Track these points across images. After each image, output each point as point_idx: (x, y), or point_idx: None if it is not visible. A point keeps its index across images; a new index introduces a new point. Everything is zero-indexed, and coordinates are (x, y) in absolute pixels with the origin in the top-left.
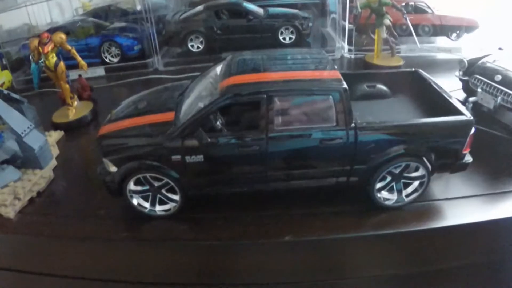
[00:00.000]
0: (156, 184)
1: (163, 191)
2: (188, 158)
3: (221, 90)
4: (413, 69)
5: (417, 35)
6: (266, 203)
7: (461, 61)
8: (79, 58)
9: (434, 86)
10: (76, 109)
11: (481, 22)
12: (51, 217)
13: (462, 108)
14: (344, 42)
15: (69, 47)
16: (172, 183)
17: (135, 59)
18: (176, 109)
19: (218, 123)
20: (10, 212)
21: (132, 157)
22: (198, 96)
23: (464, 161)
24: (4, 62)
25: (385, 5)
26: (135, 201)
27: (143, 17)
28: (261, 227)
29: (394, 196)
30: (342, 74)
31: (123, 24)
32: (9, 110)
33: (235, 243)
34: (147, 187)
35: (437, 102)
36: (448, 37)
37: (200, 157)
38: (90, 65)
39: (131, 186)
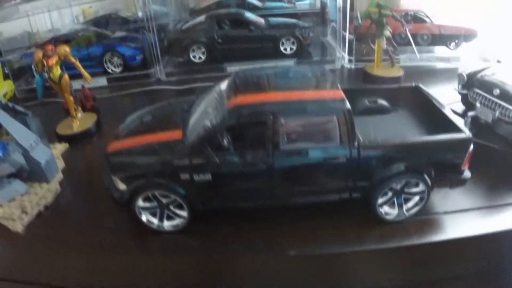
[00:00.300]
0: (164, 200)
1: (171, 207)
2: (196, 177)
3: (229, 109)
4: (414, 85)
5: (416, 44)
6: (269, 217)
7: (460, 75)
8: (83, 71)
9: (434, 102)
10: (80, 121)
11: (480, 31)
12: (59, 231)
13: (461, 125)
14: (345, 52)
15: (73, 59)
16: (180, 200)
17: (137, 68)
18: (183, 127)
19: (225, 141)
20: (18, 226)
21: (141, 175)
22: (204, 113)
23: (463, 176)
24: (6, 71)
25: (385, 16)
26: (144, 218)
27: (144, 26)
28: (266, 240)
29: (395, 211)
30: (345, 90)
31: (124, 33)
32: (15, 125)
33: (239, 256)
34: (155, 204)
35: (437, 118)
36: (447, 46)
37: (208, 176)
38: (92, 74)
39: (140, 203)
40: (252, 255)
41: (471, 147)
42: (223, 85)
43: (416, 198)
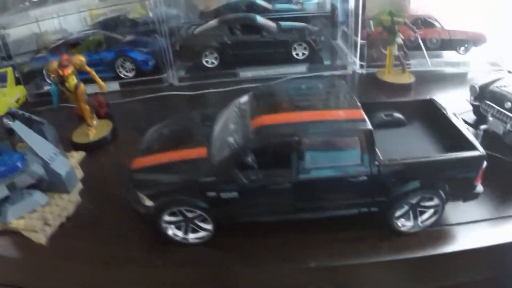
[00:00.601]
0: (190, 215)
1: (197, 221)
2: (222, 194)
3: (253, 130)
4: (428, 98)
5: (426, 48)
6: (288, 229)
7: (472, 87)
8: (98, 79)
9: (448, 116)
10: (96, 129)
11: (489, 36)
12: (81, 242)
13: (475, 141)
14: (356, 57)
15: (88, 69)
16: (205, 215)
17: (150, 73)
18: (208, 144)
19: (250, 160)
20: (41, 238)
21: (168, 192)
22: (228, 131)
23: (476, 191)
24: (17, 75)
25: (397, 23)
26: (169, 232)
27: (156, 29)
28: (286, 251)
29: (410, 223)
30: (362, 104)
31: (135, 37)
32: (34, 137)
33: (261, 267)
34: (181, 218)
35: (451, 133)
36: (456, 50)
37: (234, 194)
38: (104, 79)
39: (166, 217)
40: (273, 267)
41: (485, 164)
42: (244, 101)
43: (431, 211)
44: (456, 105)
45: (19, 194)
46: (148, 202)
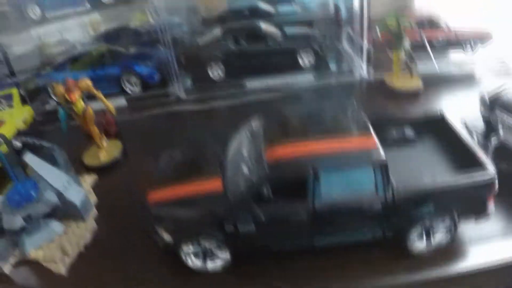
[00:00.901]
0: (208, 245)
1: (214, 250)
2: (240, 227)
3: (269, 165)
4: (439, 113)
5: (432, 48)
6: (303, 254)
7: (482, 98)
8: (106, 102)
9: (459, 133)
10: (106, 150)
11: (495, 34)
12: (100, 270)
13: (487, 162)
14: (362, 61)
15: (95, 91)
16: (224, 246)
17: (156, 86)
18: (223, 176)
19: (266, 192)
20: (61, 268)
21: (186, 228)
22: (241, 158)
23: (487, 211)
24: (22, 93)
25: (404, 27)
26: (189, 261)
27: (159, 39)
28: (306, 276)
29: (423, 243)
30: (373, 122)
31: (140, 49)
32: (46, 167)
33: None
34: (199, 248)
35: (462, 151)
36: (463, 50)
37: (251, 226)
38: (110, 95)
39: (184, 248)
40: None
41: (496, 184)
42: (256, 126)
43: (444, 231)
44: (465, 108)
45: (35, 224)
46: (167, 236)
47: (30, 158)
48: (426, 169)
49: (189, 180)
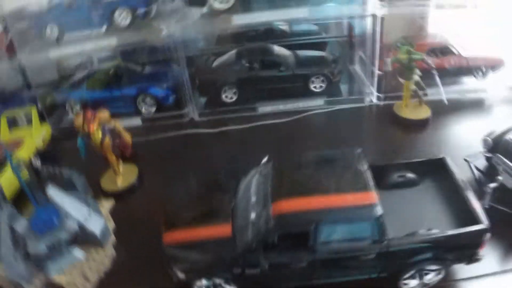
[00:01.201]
0: (218, 281)
1: (224, 285)
2: (247, 271)
3: (274, 219)
4: (441, 157)
5: (443, 75)
6: None
7: (485, 140)
8: (123, 132)
9: (458, 181)
10: (123, 175)
11: (507, 61)
12: None
13: (481, 214)
14: (373, 87)
15: (113, 123)
16: (232, 283)
17: (171, 107)
18: (232, 222)
19: (271, 241)
20: None
21: (199, 269)
22: (249, 204)
23: (478, 256)
24: (40, 109)
25: (416, 60)
26: None
27: (173, 57)
28: None
29: (415, 283)
30: (374, 167)
31: (155, 69)
32: (68, 200)
33: None
34: (211, 282)
35: (459, 200)
36: (474, 76)
37: (257, 270)
38: (125, 115)
39: (198, 283)
40: None
41: (488, 235)
42: (265, 172)
43: (435, 273)
44: (472, 140)
45: (58, 250)
46: (181, 274)
47: (53, 193)
48: (423, 216)
49: (201, 223)
